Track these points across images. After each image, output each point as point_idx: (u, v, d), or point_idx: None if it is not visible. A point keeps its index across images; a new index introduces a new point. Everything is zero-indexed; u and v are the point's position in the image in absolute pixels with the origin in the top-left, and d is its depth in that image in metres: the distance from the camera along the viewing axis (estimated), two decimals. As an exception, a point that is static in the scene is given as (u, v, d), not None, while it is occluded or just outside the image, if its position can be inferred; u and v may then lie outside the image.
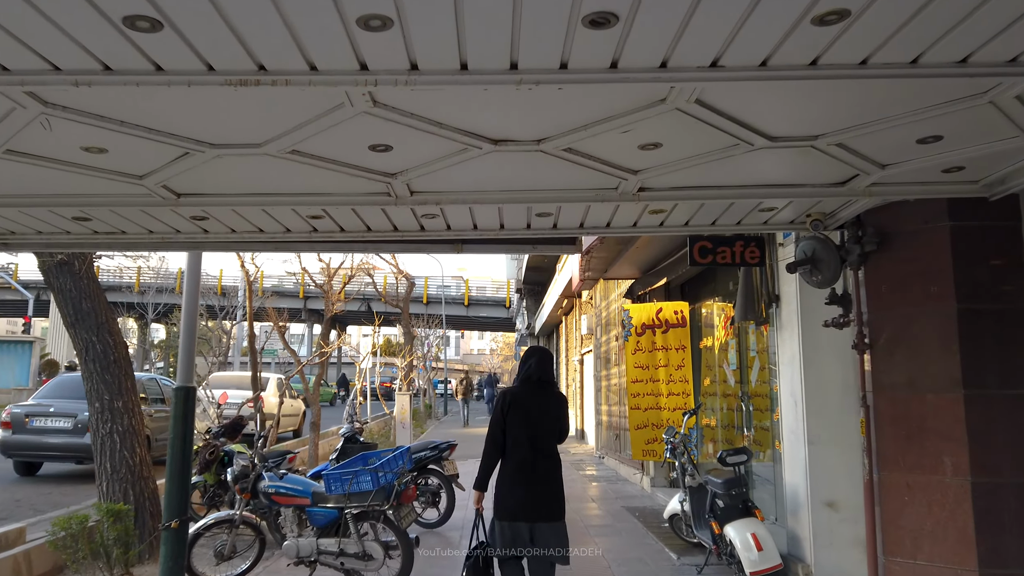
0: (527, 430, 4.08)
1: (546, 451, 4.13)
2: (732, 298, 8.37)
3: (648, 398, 9.96)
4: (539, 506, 4.00)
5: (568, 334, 23.66)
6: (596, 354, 15.50)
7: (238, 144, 3.05)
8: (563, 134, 3.00)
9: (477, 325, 69.53)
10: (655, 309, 9.99)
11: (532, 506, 3.99)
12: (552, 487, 4.08)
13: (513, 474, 4.05)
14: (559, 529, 4.03)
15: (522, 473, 4.03)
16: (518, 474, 4.03)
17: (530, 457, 4.05)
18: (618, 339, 13.03)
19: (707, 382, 9.49)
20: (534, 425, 4.10)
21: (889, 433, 4.08)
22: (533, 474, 4.03)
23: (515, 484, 4.03)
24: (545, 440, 4.13)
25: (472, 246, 4.61)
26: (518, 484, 4.02)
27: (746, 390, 7.88)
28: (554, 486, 4.09)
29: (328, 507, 5.44)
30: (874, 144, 3.22)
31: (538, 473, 4.04)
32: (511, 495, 4.02)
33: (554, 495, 4.07)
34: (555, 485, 4.10)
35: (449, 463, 7.96)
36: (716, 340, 8.94)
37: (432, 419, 30.82)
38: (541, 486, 4.04)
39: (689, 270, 8.38)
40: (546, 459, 4.11)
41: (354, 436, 8.33)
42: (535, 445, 4.08)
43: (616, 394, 13.16)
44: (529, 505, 3.99)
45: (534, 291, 32.10)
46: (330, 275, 13.92)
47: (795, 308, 5.32)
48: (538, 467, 4.05)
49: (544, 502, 4.02)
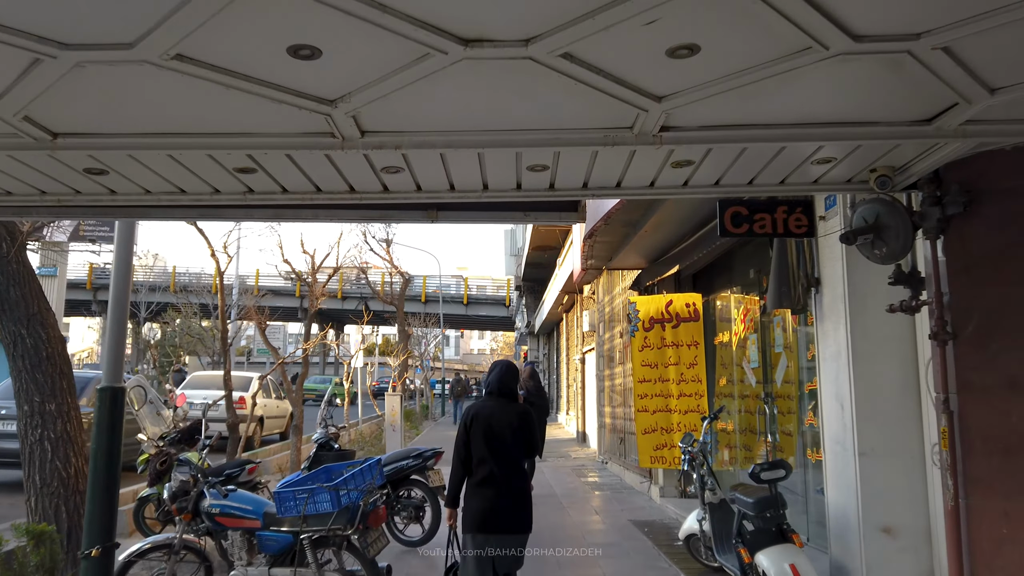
0: (490, 444, 4.09)
1: (509, 464, 4.13)
2: (751, 288, 7.47)
3: (657, 399, 9.06)
4: (503, 519, 4.03)
5: (569, 332, 22.76)
6: (598, 352, 14.60)
7: (100, 44, 2.16)
8: (561, 27, 2.11)
9: (476, 324, 68.60)
10: (664, 301, 9.09)
11: (496, 519, 4.02)
12: (517, 500, 4.10)
13: (477, 488, 4.10)
14: (521, 542, 4.07)
15: (486, 487, 4.07)
16: (482, 488, 4.08)
17: (494, 471, 4.07)
18: (623, 335, 12.13)
19: (723, 382, 8.59)
20: (497, 439, 4.11)
21: (980, 448, 3.18)
22: (497, 488, 4.06)
23: (480, 498, 4.07)
24: (508, 453, 4.12)
25: (450, 213, 3.72)
26: (483, 498, 4.06)
27: (769, 390, 6.98)
28: (519, 499, 4.11)
29: (282, 531, 4.54)
30: (993, 51, 2.33)
31: (501, 487, 4.07)
32: (476, 508, 4.06)
33: (519, 508, 4.09)
34: (520, 498, 4.12)
35: (434, 473, 7.06)
36: (733, 335, 8.04)
37: (429, 420, 29.93)
38: (505, 500, 4.06)
39: (703, 257, 7.49)
40: (510, 472, 4.11)
41: (328, 443, 7.44)
42: (498, 459, 4.09)
43: (620, 395, 12.26)
44: (493, 518, 4.02)
45: (534, 288, 31.24)
46: (314, 268, 13.03)
47: (841, 293, 4.43)
48: (501, 481, 4.07)
49: (508, 515, 4.05)
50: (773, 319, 6.90)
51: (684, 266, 7.86)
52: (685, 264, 7.69)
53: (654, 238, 7.75)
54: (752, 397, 7.76)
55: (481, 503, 4.04)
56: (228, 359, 10.17)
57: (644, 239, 7.76)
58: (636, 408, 9.22)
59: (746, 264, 7.55)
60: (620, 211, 6.33)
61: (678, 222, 6.96)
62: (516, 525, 4.06)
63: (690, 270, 8.83)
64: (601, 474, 12.47)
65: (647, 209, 6.51)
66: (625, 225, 7.09)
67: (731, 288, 8.17)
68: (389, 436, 14.38)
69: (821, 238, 4.62)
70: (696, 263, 8.15)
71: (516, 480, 4.13)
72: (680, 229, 7.36)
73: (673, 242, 7.86)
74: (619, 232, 7.56)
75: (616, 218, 6.59)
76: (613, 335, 13.05)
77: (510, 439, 4.13)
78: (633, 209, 6.43)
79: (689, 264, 7.99)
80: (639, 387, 9.20)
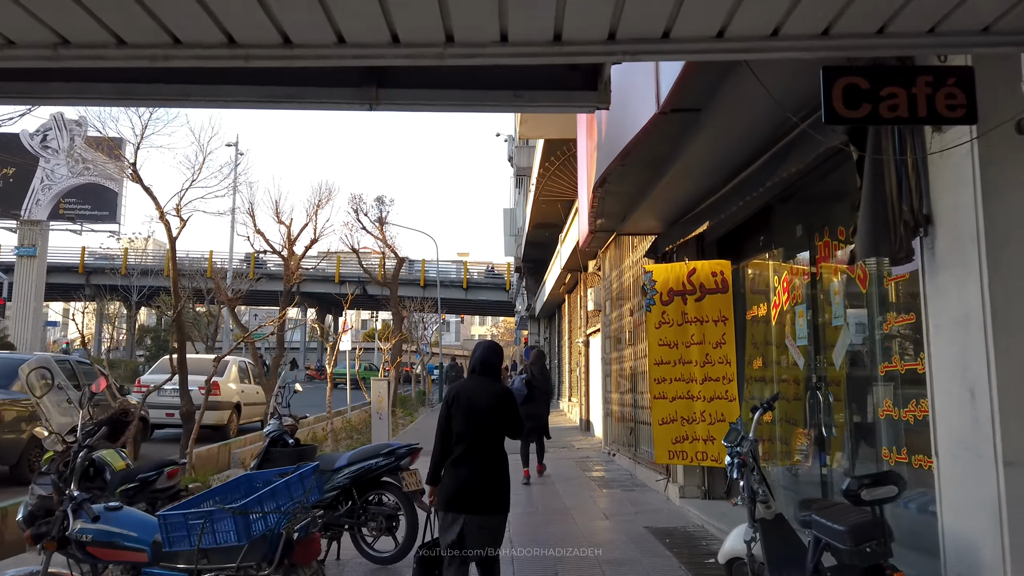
0: (469, 423, 4.07)
1: (487, 443, 4.10)
2: (799, 248, 6.12)
3: (677, 385, 7.74)
4: (475, 497, 3.99)
5: (571, 314, 21.44)
6: (604, 333, 13.28)
7: None
8: None
9: (476, 309, 67.30)
10: (686, 270, 7.74)
11: (467, 497, 3.98)
12: (492, 480, 4.05)
13: (452, 466, 4.08)
14: (493, 523, 4.01)
15: (461, 465, 4.05)
16: (458, 466, 4.06)
17: (471, 449, 4.06)
18: (633, 312, 10.80)
19: (757, 364, 7.25)
20: (476, 418, 4.08)
21: None
22: (472, 466, 4.04)
23: (453, 476, 4.05)
24: (486, 432, 4.09)
25: (397, 93, 2.37)
26: (456, 476, 4.04)
27: (823, 374, 5.66)
28: (494, 479, 4.06)
29: (176, 569, 3.23)
30: None
31: (477, 465, 4.05)
32: (450, 485, 4.04)
33: (493, 488, 4.04)
34: (495, 478, 4.07)
35: (410, 475, 5.76)
36: (773, 308, 6.70)
37: (426, 406, 28.71)
38: (479, 478, 4.02)
39: (738, 211, 6.12)
40: (487, 452, 4.09)
41: (282, 437, 6.11)
42: (476, 438, 4.07)
43: (629, 379, 10.95)
44: (464, 496, 3.98)
45: (534, 270, 29.92)
46: (290, 241, 11.69)
47: (971, 232, 3.08)
48: (477, 459, 4.05)
49: (480, 494, 4.00)
50: (831, 285, 5.55)
51: (713, 223, 6.50)
52: (716, 221, 6.33)
53: (677, 191, 6.38)
54: (794, 382, 6.44)
55: (454, 481, 4.02)
56: (183, 339, 8.86)
57: (666, 193, 6.39)
58: (652, 395, 7.91)
59: (791, 220, 6.19)
60: (644, 141, 4.94)
61: (710, 168, 5.58)
62: (489, 505, 4.00)
63: (717, 231, 7.48)
64: (608, 468, 11.18)
65: (677, 141, 5.12)
66: (647, 167, 5.68)
67: (769, 251, 6.81)
68: (376, 426, 13.09)
69: (935, 156, 3.26)
70: (725, 222, 6.79)
71: (492, 459, 4.09)
72: (711, 178, 5.99)
73: (700, 195, 6.49)
74: (637, 180, 6.17)
75: (637, 155, 5.19)
76: (622, 314, 11.71)
77: (488, 418, 4.09)
78: (660, 140, 5.03)
79: (717, 223, 6.61)
80: (655, 370, 7.88)
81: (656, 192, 6.33)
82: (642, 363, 10.24)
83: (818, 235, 5.70)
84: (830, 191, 5.46)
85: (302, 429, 14.93)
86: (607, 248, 12.93)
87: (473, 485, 3.97)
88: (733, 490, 4.25)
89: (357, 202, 24.19)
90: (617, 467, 11.17)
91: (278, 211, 11.79)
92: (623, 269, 11.49)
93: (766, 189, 5.36)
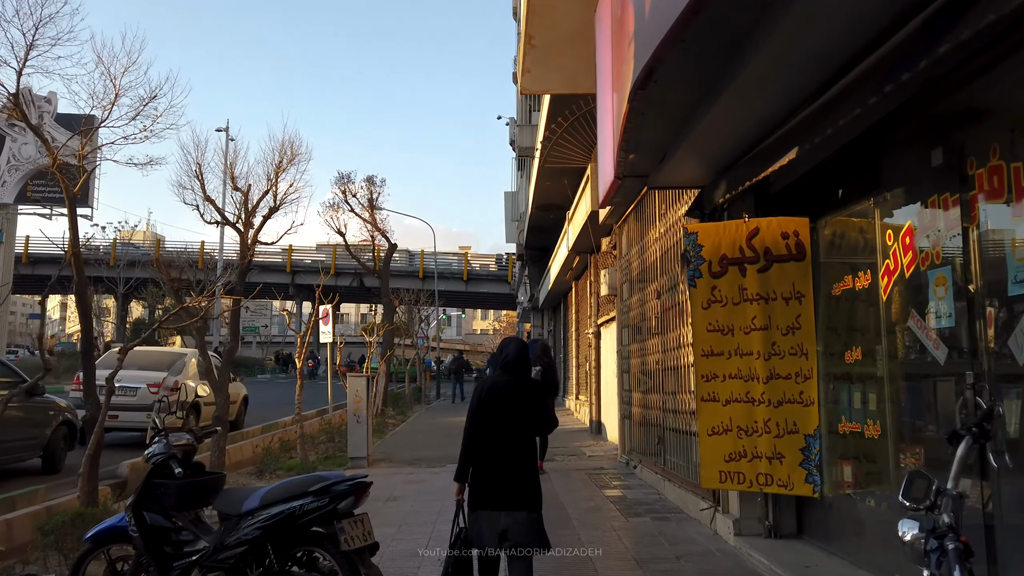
0: (502, 418, 3.97)
1: (518, 440, 4.00)
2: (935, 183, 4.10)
3: (732, 384, 5.77)
4: (509, 494, 3.85)
5: (579, 303, 19.45)
6: (621, 322, 11.31)
7: None
8: None
9: (477, 302, 65.35)
10: (745, 231, 5.77)
11: (502, 493, 3.85)
12: (522, 476, 3.92)
13: (485, 462, 3.94)
14: (533, 521, 3.86)
15: (493, 461, 3.92)
16: (489, 462, 3.93)
17: (503, 445, 3.94)
18: (661, 294, 8.83)
19: (854, 355, 5.24)
20: (510, 413, 4.00)
21: None
22: (505, 462, 3.92)
23: (486, 472, 3.93)
24: (519, 428, 4.01)
25: None
26: (489, 472, 3.92)
27: (985, 369, 3.69)
28: (525, 476, 3.93)
29: None
30: None
31: (510, 461, 3.92)
32: (481, 482, 3.92)
33: (526, 484, 3.91)
34: (526, 475, 3.94)
35: (354, 524, 3.77)
36: (885, 276, 4.70)
37: (421, 404, 26.79)
38: (512, 474, 3.90)
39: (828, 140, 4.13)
40: (518, 447, 3.98)
41: (167, 463, 4.12)
42: (507, 433, 3.96)
43: (656, 376, 8.98)
44: (498, 492, 3.86)
45: (537, 258, 27.95)
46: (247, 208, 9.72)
47: None
48: (510, 455, 3.93)
49: (514, 490, 3.86)
50: (1004, 235, 3.57)
51: (794, 157, 4.51)
52: (804, 150, 4.34)
53: (752, 103, 4.39)
54: (918, 381, 4.46)
55: (485, 478, 3.91)
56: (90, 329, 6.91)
57: (735, 106, 4.40)
58: (699, 395, 5.93)
59: (923, 142, 4.19)
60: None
61: (820, 50, 3.59)
62: (523, 501, 3.85)
63: (788, 176, 5.49)
64: (629, 483, 9.21)
65: None
66: (719, 51, 3.62)
67: (876, 195, 4.80)
68: (352, 430, 11.13)
69: None
70: (807, 158, 4.80)
71: (523, 455, 3.98)
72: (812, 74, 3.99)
73: (783, 111, 4.49)
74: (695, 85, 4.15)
75: (706, 22, 3.16)
76: (644, 297, 9.74)
77: (523, 414, 4.03)
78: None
79: (796, 159, 4.62)
80: (703, 364, 5.91)
81: (720, 107, 4.33)
82: (672, 356, 8.27)
83: (976, 159, 3.72)
84: (1009, 83, 3.48)
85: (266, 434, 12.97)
86: (624, 222, 10.96)
87: (506, 481, 3.87)
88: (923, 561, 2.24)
89: (345, 182, 22.20)
90: (640, 482, 9.20)
91: (233, 175, 9.83)
92: (646, 244, 9.50)
93: (898, 88, 3.37)
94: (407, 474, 10.19)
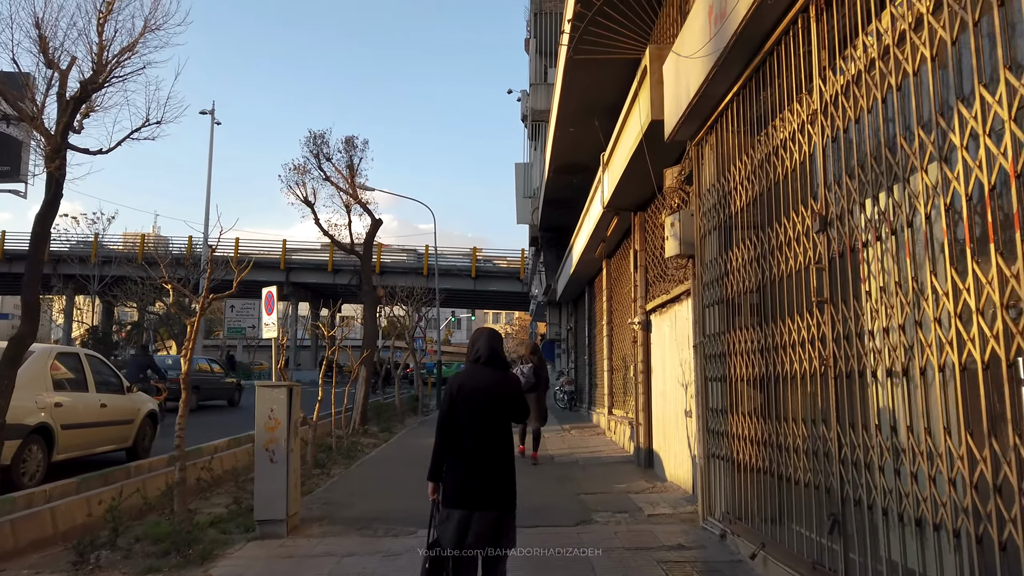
0: (476, 415, 3.87)
1: (497, 434, 3.89)
2: None
3: None
4: (483, 493, 3.78)
5: (614, 286, 14.95)
6: (705, 296, 6.86)
7: None
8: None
9: (486, 301, 60.60)
10: None
11: (475, 492, 3.78)
12: (498, 475, 3.83)
13: (458, 460, 3.84)
14: (506, 521, 3.81)
15: (467, 459, 3.82)
16: (464, 459, 3.83)
17: (479, 441, 3.83)
18: (836, 221, 4.41)
19: None
20: (485, 409, 3.89)
21: None
22: (480, 460, 3.82)
23: (459, 470, 3.83)
24: (494, 423, 3.89)
25: None
26: (463, 470, 3.82)
27: None
28: (501, 474, 3.85)
29: None
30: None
31: (485, 459, 3.83)
32: (455, 480, 3.83)
33: (501, 483, 3.83)
34: (504, 473, 3.86)
35: None
36: None
37: (417, 415, 22.40)
38: (486, 472, 3.81)
39: None
40: (495, 444, 3.87)
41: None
42: (483, 430, 3.85)
43: (804, 392, 4.55)
44: (472, 491, 3.78)
45: (553, 241, 23.52)
46: (62, 80, 5.43)
47: None
48: (485, 453, 3.83)
49: (488, 489, 3.79)
50: None
51: None
52: None
53: None
54: None
55: (460, 476, 3.82)
56: None
57: None
58: None
59: None
60: None
61: None
62: (497, 501, 3.79)
63: None
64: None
65: None
66: None
67: None
68: (263, 474, 6.74)
69: None
70: None
71: (501, 452, 3.88)
72: None
73: None
74: None
75: None
76: (766, 246, 5.30)
77: (498, 409, 3.91)
78: None
79: None
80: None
81: None
82: (854, 350, 3.88)
83: None
84: None
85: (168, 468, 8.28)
86: (710, 130, 6.55)
87: (481, 480, 3.77)
88: None
89: (318, 144, 17.86)
90: (772, 595, 4.73)
91: (39, 23, 5.49)
92: (771, 150, 5.07)
93: None
94: (342, 556, 5.83)
